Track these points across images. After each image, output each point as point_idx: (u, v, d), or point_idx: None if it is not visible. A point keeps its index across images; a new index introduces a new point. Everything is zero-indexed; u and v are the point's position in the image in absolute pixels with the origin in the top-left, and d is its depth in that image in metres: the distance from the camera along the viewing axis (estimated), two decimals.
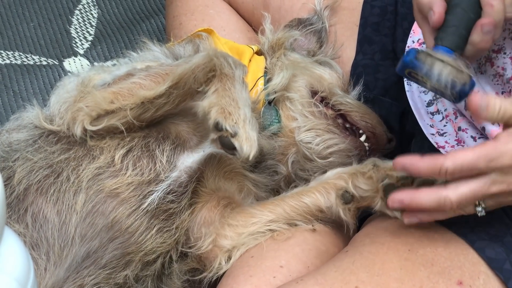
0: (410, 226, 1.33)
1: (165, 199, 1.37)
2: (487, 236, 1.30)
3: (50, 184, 1.33)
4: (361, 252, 1.29)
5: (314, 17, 1.77)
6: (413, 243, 1.29)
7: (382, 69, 1.70)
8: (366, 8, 1.77)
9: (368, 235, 1.35)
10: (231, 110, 1.26)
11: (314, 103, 1.60)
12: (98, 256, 1.32)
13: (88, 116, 1.34)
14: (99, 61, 2.12)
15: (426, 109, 1.51)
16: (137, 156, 1.37)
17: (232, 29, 1.85)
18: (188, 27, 1.83)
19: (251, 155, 1.24)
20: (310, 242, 1.40)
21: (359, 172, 1.39)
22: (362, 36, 1.75)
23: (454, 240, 1.30)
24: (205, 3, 1.87)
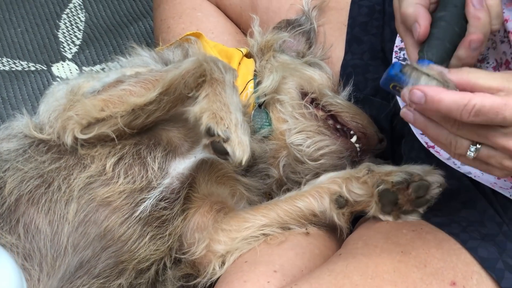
0: (402, 228, 1.33)
1: (157, 206, 1.37)
2: (479, 235, 1.30)
3: (41, 194, 1.32)
4: (354, 255, 1.29)
5: (302, 18, 1.76)
6: (406, 245, 1.29)
7: (372, 69, 1.71)
8: (354, 8, 1.77)
9: (361, 238, 1.35)
10: (223, 115, 1.26)
11: (305, 105, 1.60)
12: (91, 265, 1.31)
13: (79, 124, 1.33)
14: (88, 65, 2.11)
15: None
16: (129, 164, 1.36)
17: (221, 32, 1.84)
18: (176, 30, 1.83)
19: (244, 159, 1.24)
20: (304, 246, 1.40)
21: (353, 176, 1.39)
22: (350, 36, 1.75)
23: (447, 241, 1.30)
24: (192, 6, 1.86)
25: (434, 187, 1.32)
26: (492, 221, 1.33)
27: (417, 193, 1.32)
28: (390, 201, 1.34)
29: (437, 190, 1.33)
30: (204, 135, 1.26)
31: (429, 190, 1.33)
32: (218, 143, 1.24)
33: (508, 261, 1.27)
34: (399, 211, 1.35)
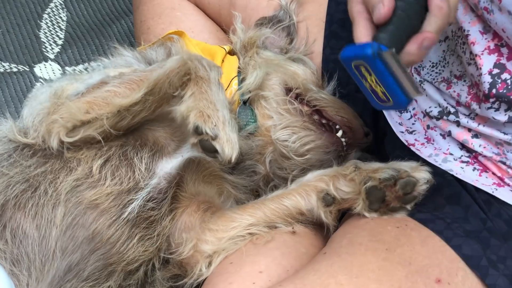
0: (387, 224, 1.33)
1: (145, 207, 1.36)
2: (463, 232, 1.30)
3: (27, 198, 1.32)
4: (339, 253, 1.28)
5: (281, 13, 1.76)
6: (390, 242, 1.29)
7: None
8: (331, 5, 1.77)
9: (345, 235, 1.34)
10: (210, 113, 1.25)
11: (289, 100, 1.60)
12: (80, 268, 1.31)
13: (64, 127, 1.33)
14: (71, 65, 2.10)
15: None
16: (115, 166, 1.36)
17: (201, 30, 1.84)
18: (156, 31, 1.83)
19: (233, 157, 1.24)
20: (290, 245, 1.39)
21: (340, 174, 1.38)
22: (329, 32, 1.75)
23: (431, 237, 1.30)
24: (171, 6, 1.86)
25: (421, 183, 1.32)
26: (476, 217, 1.34)
27: (405, 189, 1.32)
28: (378, 198, 1.34)
29: (424, 187, 1.33)
30: (192, 134, 1.26)
31: (416, 187, 1.32)
32: (207, 141, 1.24)
33: (492, 257, 1.27)
34: (386, 208, 1.35)
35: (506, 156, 1.36)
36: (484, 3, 1.26)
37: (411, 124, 1.48)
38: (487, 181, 1.37)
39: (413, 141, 1.45)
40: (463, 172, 1.38)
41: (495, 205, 1.35)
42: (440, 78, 1.43)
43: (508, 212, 1.34)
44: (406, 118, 1.49)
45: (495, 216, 1.34)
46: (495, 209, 1.34)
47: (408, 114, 1.49)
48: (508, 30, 1.23)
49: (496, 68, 1.30)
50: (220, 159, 1.24)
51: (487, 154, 1.37)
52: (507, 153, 1.36)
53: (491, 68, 1.30)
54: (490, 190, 1.35)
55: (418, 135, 1.46)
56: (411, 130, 1.47)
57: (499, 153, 1.37)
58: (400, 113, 1.50)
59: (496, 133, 1.35)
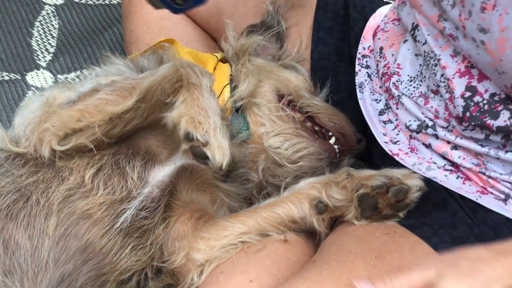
0: (376, 231, 1.33)
1: (138, 216, 1.36)
2: (450, 238, 1.31)
3: (19, 208, 1.31)
4: (328, 261, 1.28)
5: (269, 18, 1.76)
6: (379, 249, 1.29)
7: (342, 71, 1.71)
8: (319, 12, 1.77)
9: (335, 242, 1.34)
10: (201, 119, 1.25)
11: (281, 107, 1.60)
12: (73, 279, 1.30)
13: (55, 136, 1.32)
14: (63, 73, 2.09)
15: (379, 117, 1.52)
16: (108, 175, 1.35)
17: (190, 39, 1.84)
18: (146, 40, 1.83)
19: (224, 163, 1.23)
20: (281, 253, 1.39)
21: (332, 181, 1.38)
22: (316, 38, 1.76)
23: (420, 244, 1.30)
24: (160, 15, 1.85)
25: (413, 190, 1.33)
26: (463, 223, 1.34)
27: (397, 197, 1.32)
28: (370, 206, 1.34)
29: (416, 194, 1.33)
30: (183, 140, 1.25)
31: (409, 194, 1.33)
32: (198, 148, 1.24)
33: None
34: (379, 215, 1.35)
35: (486, 167, 1.36)
36: (450, 30, 1.27)
37: (395, 135, 1.48)
38: (470, 188, 1.37)
39: (397, 151, 1.46)
40: (447, 180, 1.39)
41: (481, 212, 1.35)
42: (417, 93, 1.43)
43: (494, 219, 1.34)
44: (390, 129, 1.50)
45: (481, 223, 1.34)
46: (480, 216, 1.34)
47: (392, 125, 1.50)
48: (473, 57, 1.23)
49: (468, 91, 1.31)
50: (211, 166, 1.24)
51: (467, 165, 1.37)
52: (487, 163, 1.36)
53: (463, 92, 1.31)
54: (474, 197, 1.36)
55: (401, 145, 1.47)
56: (395, 141, 1.48)
57: (479, 163, 1.37)
58: (384, 124, 1.50)
59: (473, 145, 1.35)
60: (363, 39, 1.64)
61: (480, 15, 1.15)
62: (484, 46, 1.17)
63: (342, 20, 1.75)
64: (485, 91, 1.29)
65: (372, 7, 1.72)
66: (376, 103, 1.54)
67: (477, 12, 1.15)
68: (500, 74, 1.18)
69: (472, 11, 1.16)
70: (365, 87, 1.58)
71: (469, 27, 1.19)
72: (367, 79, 1.60)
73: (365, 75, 1.60)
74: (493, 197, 1.36)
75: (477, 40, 1.19)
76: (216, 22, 1.86)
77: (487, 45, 1.17)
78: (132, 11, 1.91)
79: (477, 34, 1.17)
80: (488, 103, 1.29)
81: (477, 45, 1.20)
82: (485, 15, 1.14)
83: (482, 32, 1.16)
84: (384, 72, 1.52)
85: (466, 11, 1.19)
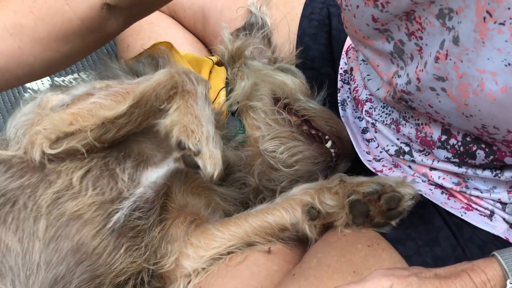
0: (358, 242, 1.31)
1: (131, 216, 1.35)
2: (431, 259, 1.29)
3: (6, 212, 1.30)
4: (306, 276, 1.27)
5: (252, 18, 1.76)
6: (359, 263, 1.27)
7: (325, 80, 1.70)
8: (304, 21, 1.78)
9: (316, 254, 1.33)
10: (194, 128, 1.24)
11: (277, 110, 1.59)
12: (67, 281, 1.29)
13: (47, 139, 1.31)
14: (60, 76, 2.09)
15: (362, 135, 1.52)
16: (96, 176, 1.34)
17: (180, 43, 1.84)
18: (136, 48, 1.84)
19: (215, 174, 1.22)
20: (261, 264, 1.38)
21: (325, 187, 1.37)
22: (300, 44, 1.76)
23: (400, 263, 1.28)
24: (149, 21, 1.86)
25: (406, 199, 1.31)
26: (446, 241, 1.32)
27: (389, 204, 1.31)
28: (361, 213, 1.33)
29: (409, 203, 1.31)
30: (175, 148, 1.24)
31: (401, 202, 1.31)
32: (189, 157, 1.22)
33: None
34: (370, 223, 1.34)
35: (466, 184, 1.35)
36: (401, 86, 1.25)
37: (379, 153, 1.48)
38: (455, 204, 1.36)
39: (381, 167, 1.45)
40: (432, 194, 1.38)
41: (467, 229, 1.33)
42: (389, 120, 1.43)
43: (480, 237, 1.32)
44: (373, 147, 1.49)
45: (467, 241, 1.32)
46: (467, 233, 1.33)
47: (375, 143, 1.49)
48: (435, 105, 1.21)
49: (443, 135, 1.30)
50: (202, 175, 1.22)
51: (447, 186, 1.36)
52: (467, 180, 1.35)
53: (439, 136, 1.30)
54: (459, 213, 1.34)
55: (385, 162, 1.46)
56: (379, 158, 1.47)
57: (459, 182, 1.36)
58: (367, 142, 1.50)
59: (451, 167, 1.34)
60: (345, 54, 1.64)
61: (434, 64, 1.13)
62: (446, 93, 1.16)
63: (327, 29, 1.75)
64: (458, 133, 1.29)
65: None
66: (359, 121, 1.54)
67: (431, 62, 1.14)
68: (468, 117, 1.16)
69: (427, 62, 1.15)
70: (347, 105, 1.58)
71: (425, 77, 1.17)
72: (349, 95, 1.59)
73: (347, 92, 1.60)
74: (478, 213, 1.35)
75: (437, 88, 1.17)
76: (202, 29, 1.87)
77: (449, 92, 1.15)
78: None
79: (435, 83, 1.16)
80: (463, 145, 1.28)
81: (437, 93, 1.17)
82: (439, 64, 1.12)
83: (441, 80, 1.15)
84: (354, 96, 1.52)
85: (423, 62, 1.17)
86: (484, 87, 1.08)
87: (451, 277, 1.11)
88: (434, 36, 1.12)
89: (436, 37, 1.12)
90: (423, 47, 1.16)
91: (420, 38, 1.16)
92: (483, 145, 1.26)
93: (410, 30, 1.16)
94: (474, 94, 1.11)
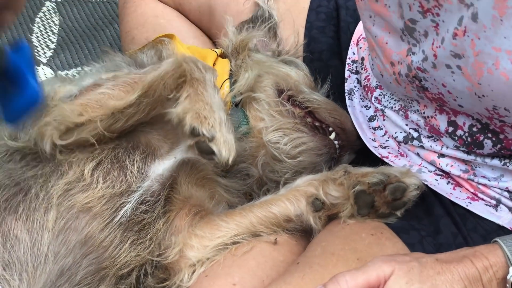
0: (362, 231, 1.31)
1: (138, 210, 1.36)
2: (434, 248, 1.29)
3: (18, 202, 1.30)
4: (311, 264, 1.27)
5: (259, 11, 1.76)
6: (362, 251, 1.27)
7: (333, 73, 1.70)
8: (311, 14, 1.78)
9: (320, 243, 1.33)
10: (206, 114, 1.24)
11: (281, 102, 1.59)
12: (72, 273, 1.30)
13: (57, 130, 1.31)
14: (63, 69, 2.10)
15: (368, 124, 1.52)
16: (107, 169, 1.35)
17: (185, 36, 1.84)
18: (141, 40, 1.83)
19: (230, 158, 1.23)
20: (267, 254, 1.38)
21: (330, 178, 1.37)
22: (308, 37, 1.76)
23: (403, 250, 1.29)
24: (154, 14, 1.86)
25: (411, 189, 1.31)
26: (447, 229, 1.32)
27: (394, 195, 1.31)
28: (366, 203, 1.33)
29: (414, 193, 1.32)
30: (188, 136, 1.25)
31: (406, 192, 1.31)
32: (203, 143, 1.23)
33: None
34: (376, 213, 1.34)
35: (474, 172, 1.35)
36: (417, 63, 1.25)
37: (385, 141, 1.48)
38: (461, 195, 1.36)
39: (387, 154, 1.45)
40: (437, 184, 1.38)
41: (471, 219, 1.34)
42: (398, 106, 1.43)
43: (484, 227, 1.33)
44: (379, 135, 1.49)
45: (471, 230, 1.32)
46: (470, 223, 1.33)
47: (381, 131, 1.49)
48: (449, 84, 1.21)
49: (450, 126, 1.30)
50: (217, 161, 1.23)
51: (455, 173, 1.37)
52: (475, 168, 1.35)
53: (446, 127, 1.31)
54: (464, 204, 1.35)
55: (391, 150, 1.46)
56: (385, 145, 1.47)
57: (467, 169, 1.36)
58: (374, 130, 1.50)
59: (460, 154, 1.34)
60: (353, 44, 1.64)
61: (452, 41, 1.13)
62: (461, 71, 1.16)
63: (335, 22, 1.75)
64: (464, 124, 1.29)
65: None
66: (366, 110, 1.54)
67: (449, 39, 1.14)
68: (480, 98, 1.17)
69: (445, 38, 1.15)
70: (354, 94, 1.58)
71: (442, 54, 1.17)
72: (357, 85, 1.60)
73: (354, 81, 1.60)
74: (483, 203, 1.35)
75: (452, 66, 1.17)
76: (208, 21, 1.87)
77: (464, 70, 1.15)
78: (126, 12, 1.92)
79: (452, 60, 1.16)
80: (470, 135, 1.29)
81: (452, 71, 1.18)
82: (457, 41, 1.12)
83: (457, 58, 1.15)
84: (365, 84, 1.52)
85: (439, 38, 1.17)
86: (499, 65, 1.08)
87: (453, 262, 1.11)
88: (451, 13, 1.12)
89: (454, 13, 1.12)
90: (440, 23, 1.16)
91: (437, 14, 1.15)
92: (490, 134, 1.26)
93: (425, 7, 1.16)
94: (488, 73, 1.11)
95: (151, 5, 1.90)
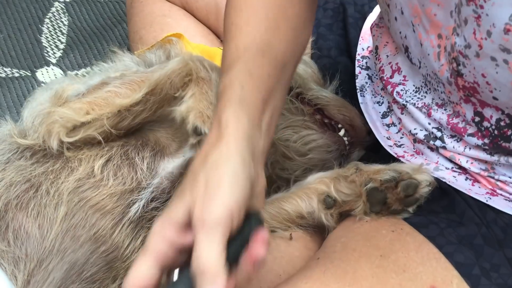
0: (381, 228, 1.31)
1: (148, 207, 1.35)
2: (456, 239, 1.28)
3: (29, 198, 1.31)
4: (332, 260, 1.26)
5: None
6: (385, 248, 1.26)
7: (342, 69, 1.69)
8: (319, 11, 1.77)
9: (339, 239, 1.32)
10: (210, 114, 1.25)
11: (290, 100, 1.59)
12: (82, 269, 1.30)
13: (64, 127, 1.32)
14: (73, 69, 2.10)
15: (382, 121, 1.51)
16: (117, 165, 1.35)
17: (192, 35, 1.84)
18: (149, 40, 1.83)
19: None
20: (282, 249, 1.37)
21: (341, 176, 1.36)
22: (316, 35, 1.75)
23: (426, 243, 1.28)
24: (162, 13, 1.87)
25: (423, 185, 1.31)
26: (471, 221, 1.32)
27: (406, 191, 1.30)
28: (379, 200, 1.32)
29: (426, 189, 1.31)
30: (191, 134, 1.25)
31: (418, 189, 1.31)
32: None
33: (485, 265, 1.25)
34: (388, 210, 1.33)
35: (494, 171, 1.34)
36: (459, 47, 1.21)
37: (399, 138, 1.47)
38: (480, 190, 1.35)
39: (402, 153, 1.44)
40: (455, 180, 1.37)
41: (490, 212, 1.32)
42: (421, 103, 1.41)
43: (504, 220, 1.32)
44: (393, 132, 1.48)
45: (490, 222, 1.31)
46: (490, 216, 1.32)
47: (395, 128, 1.48)
48: (489, 75, 1.18)
49: (476, 116, 1.29)
50: None
51: (475, 170, 1.35)
52: (495, 167, 1.34)
53: (473, 116, 1.29)
54: (484, 199, 1.34)
55: (406, 148, 1.45)
56: (400, 144, 1.46)
57: (487, 168, 1.35)
58: (387, 127, 1.49)
59: (483, 155, 1.33)
60: (362, 40, 1.63)
61: (503, 36, 1.10)
62: (507, 65, 1.13)
63: (342, 17, 1.75)
64: (490, 117, 1.27)
65: (371, 5, 1.72)
66: (379, 106, 1.53)
67: (499, 33, 1.10)
68: None
69: (492, 32, 1.12)
70: (366, 90, 1.57)
71: (488, 46, 1.14)
72: (368, 81, 1.59)
73: (365, 77, 1.59)
74: (503, 199, 1.34)
75: (498, 59, 1.14)
76: (215, 19, 1.87)
77: (511, 65, 1.12)
78: (134, 12, 1.92)
79: (499, 53, 1.13)
80: (497, 129, 1.27)
81: (497, 64, 1.15)
82: (509, 36, 1.09)
83: (506, 52, 1.12)
84: (381, 76, 1.50)
85: (483, 30, 1.13)
86: None
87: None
88: (500, 7, 1.09)
89: (504, 8, 1.08)
90: (482, 16, 1.12)
91: (481, 7, 1.11)
92: None
93: None
94: None
95: (158, 4, 1.91)
